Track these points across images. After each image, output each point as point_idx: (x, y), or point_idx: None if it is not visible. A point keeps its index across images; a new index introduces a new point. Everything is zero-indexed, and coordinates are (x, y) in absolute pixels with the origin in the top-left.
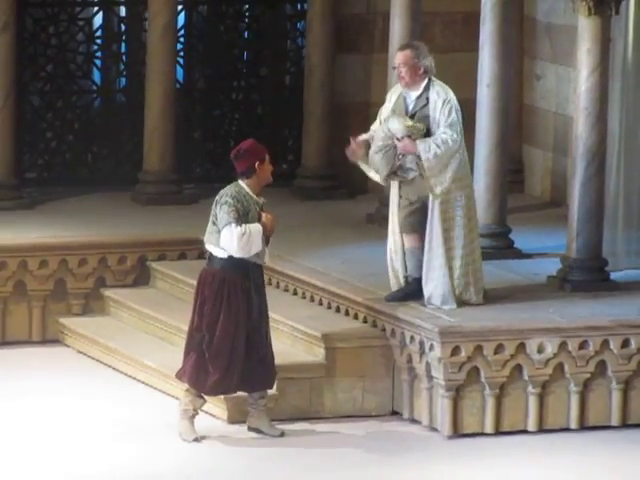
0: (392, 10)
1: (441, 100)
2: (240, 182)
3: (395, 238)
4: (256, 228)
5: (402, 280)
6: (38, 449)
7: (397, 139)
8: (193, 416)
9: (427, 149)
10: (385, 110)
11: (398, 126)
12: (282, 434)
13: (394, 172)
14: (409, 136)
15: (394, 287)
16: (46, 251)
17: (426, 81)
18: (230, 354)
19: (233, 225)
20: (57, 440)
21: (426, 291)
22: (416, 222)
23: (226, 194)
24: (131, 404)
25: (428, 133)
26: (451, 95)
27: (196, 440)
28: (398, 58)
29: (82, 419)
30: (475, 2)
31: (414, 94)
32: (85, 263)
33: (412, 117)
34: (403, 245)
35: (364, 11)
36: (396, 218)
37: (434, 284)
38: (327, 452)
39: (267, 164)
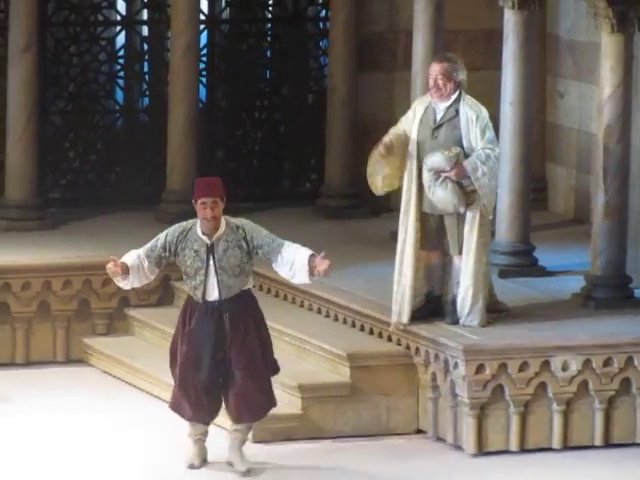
0: (415, 28)
1: (475, 115)
2: None
3: (410, 258)
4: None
5: (418, 299)
6: (61, 468)
7: (446, 171)
8: (197, 441)
9: (475, 169)
10: (406, 120)
11: (441, 160)
12: (248, 470)
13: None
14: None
15: (405, 309)
16: (70, 271)
17: (457, 94)
18: (183, 378)
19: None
20: (81, 459)
21: (460, 308)
22: (438, 238)
23: (174, 225)
24: (155, 423)
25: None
26: (485, 111)
27: (191, 467)
28: (435, 69)
29: (106, 439)
30: (497, 20)
31: (443, 105)
32: (109, 283)
33: (439, 127)
34: (418, 262)
35: (387, 29)
36: (412, 238)
37: (470, 301)
38: (351, 471)
39: (199, 206)
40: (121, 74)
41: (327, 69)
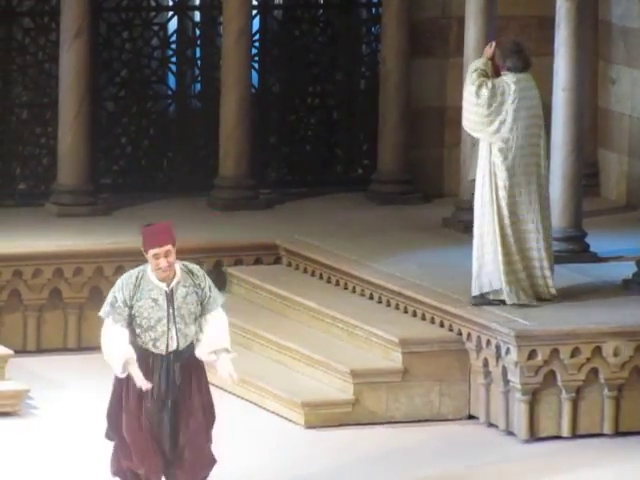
0: (467, 14)
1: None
2: None
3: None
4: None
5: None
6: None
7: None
8: None
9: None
10: None
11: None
12: None
13: None
14: None
15: (549, 280)
16: (121, 257)
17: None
18: (117, 434)
19: (109, 319)
20: None
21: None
22: None
23: (123, 276)
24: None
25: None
26: (515, 84)
27: None
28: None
29: None
30: (550, 6)
31: None
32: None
33: None
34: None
35: (439, 15)
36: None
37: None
38: (403, 456)
39: (151, 258)
40: (173, 59)
41: (380, 55)
